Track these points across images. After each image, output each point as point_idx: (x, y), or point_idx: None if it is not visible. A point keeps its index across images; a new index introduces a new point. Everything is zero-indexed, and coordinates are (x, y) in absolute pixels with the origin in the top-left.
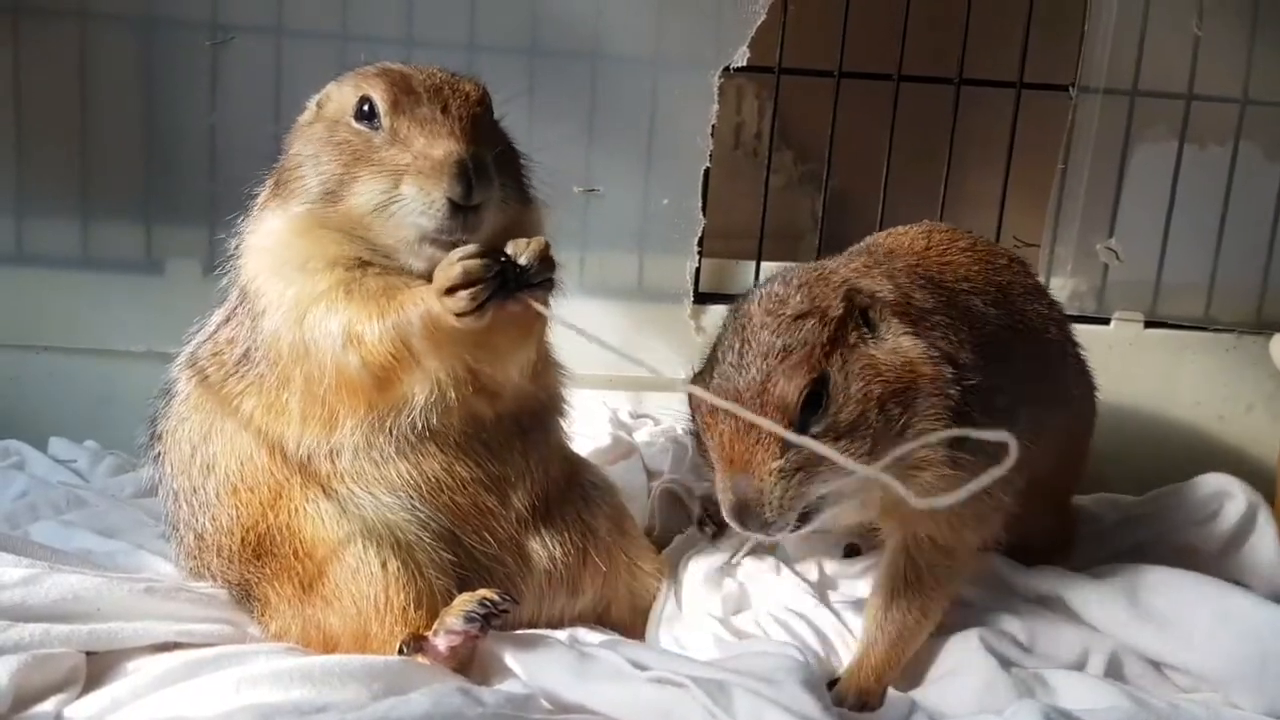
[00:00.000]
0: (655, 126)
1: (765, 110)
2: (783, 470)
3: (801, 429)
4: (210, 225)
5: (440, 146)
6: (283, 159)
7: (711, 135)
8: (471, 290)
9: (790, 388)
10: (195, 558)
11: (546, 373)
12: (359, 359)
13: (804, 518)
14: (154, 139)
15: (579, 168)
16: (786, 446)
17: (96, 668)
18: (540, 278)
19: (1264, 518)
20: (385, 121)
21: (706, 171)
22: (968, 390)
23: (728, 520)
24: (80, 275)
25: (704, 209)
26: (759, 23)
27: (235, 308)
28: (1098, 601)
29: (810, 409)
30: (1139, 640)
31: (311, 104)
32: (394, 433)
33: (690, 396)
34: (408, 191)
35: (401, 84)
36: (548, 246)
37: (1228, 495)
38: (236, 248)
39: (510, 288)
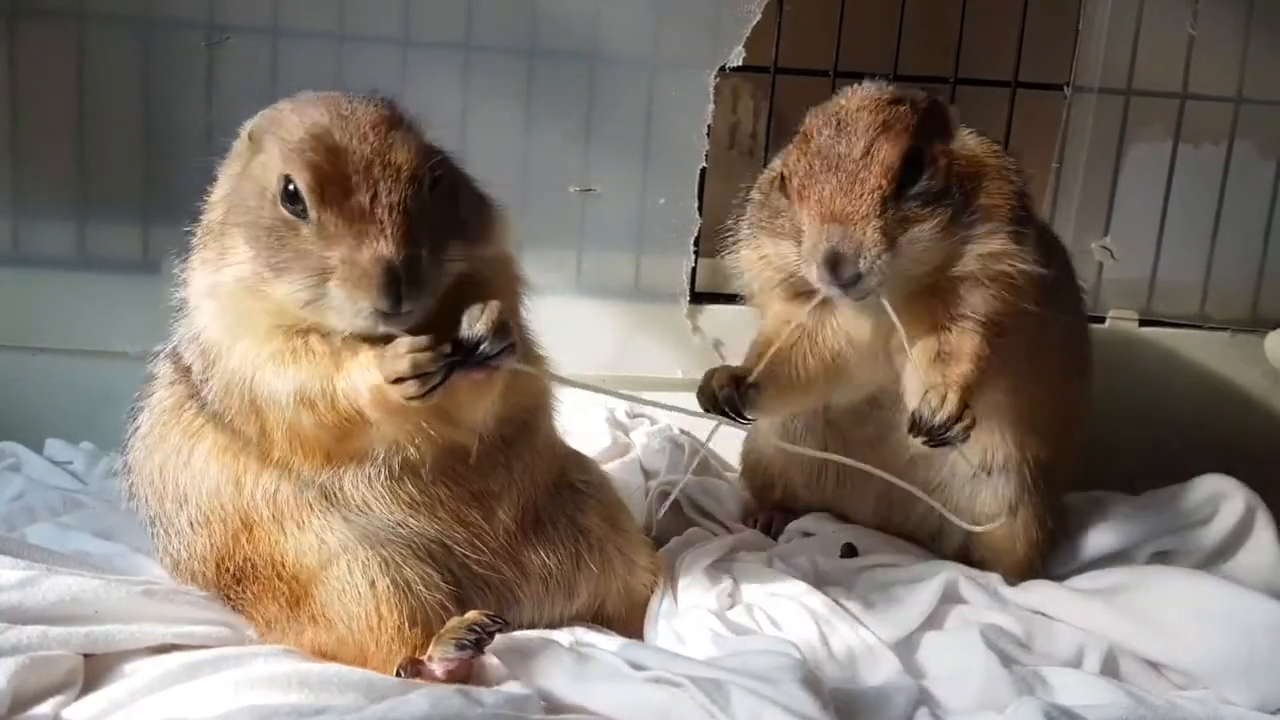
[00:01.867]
0: (651, 126)
1: (761, 110)
2: (884, 230)
3: (900, 190)
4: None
5: (367, 250)
6: (224, 182)
7: (707, 135)
8: (419, 379)
9: (895, 152)
10: (176, 578)
11: (527, 378)
12: (313, 420)
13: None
14: (151, 139)
15: (575, 168)
16: (885, 207)
17: (94, 670)
18: (496, 349)
19: (1263, 519)
20: (312, 214)
21: (703, 171)
22: (1026, 183)
23: (817, 273)
24: (77, 276)
25: (700, 209)
26: (754, 22)
27: (184, 340)
28: (1085, 609)
29: (907, 174)
30: (1130, 641)
31: (244, 133)
32: (375, 475)
33: (788, 161)
34: (335, 294)
35: (329, 169)
36: (503, 313)
37: (1224, 497)
38: (185, 282)
39: (468, 361)
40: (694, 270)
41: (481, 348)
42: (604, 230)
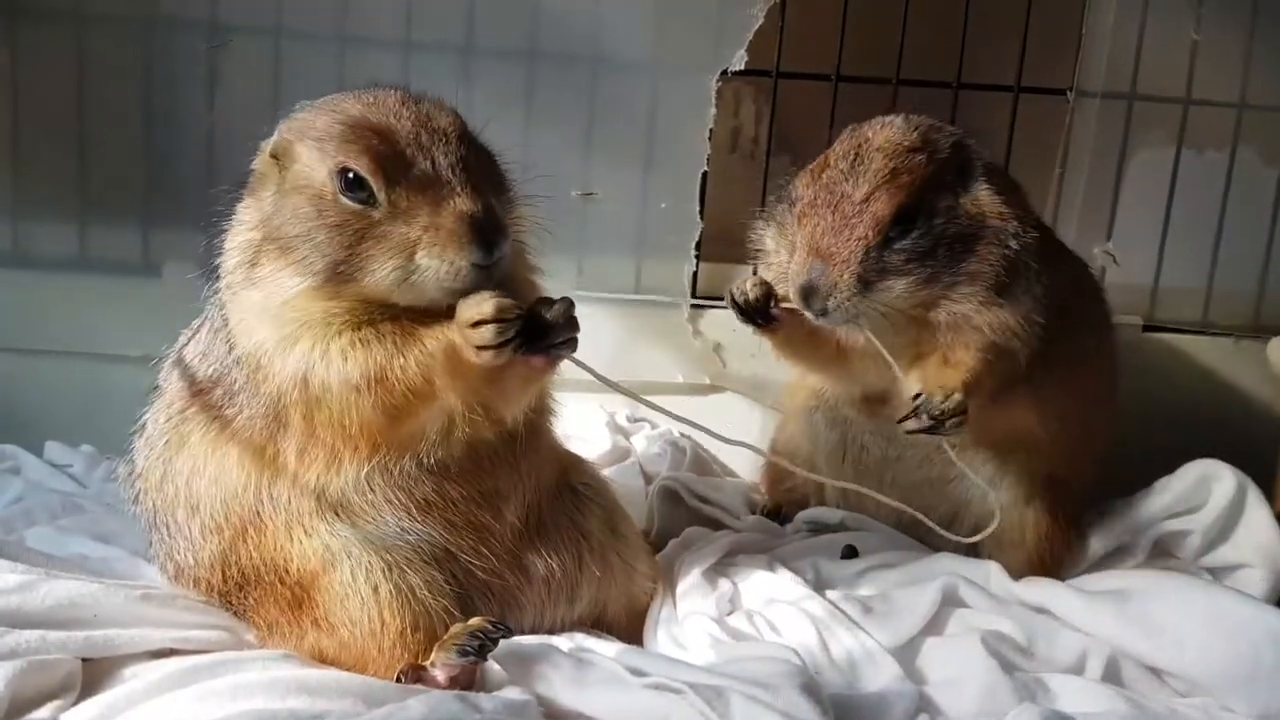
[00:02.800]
0: (653, 130)
1: (763, 114)
2: (860, 277)
3: (884, 244)
4: (208, 229)
5: (448, 212)
6: (256, 206)
7: (709, 139)
8: (500, 325)
9: (890, 206)
10: (177, 585)
11: None
12: (376, 401)
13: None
14: (152, 141)
15: (577, 171)
16: (867, 255)
17: (93, 674)
18: (562, 338)
19: (1254, 496)
20: (381, 196)
21: (704, 175)
22: (1025, 247)
23: (794, 296)
24: (77, 278)
25: (702, 213)
26: (757, 26)
27: (212, 347)
28: (1089, 612)
29: (896, 229)
30: (1134, 648)
31: (263, 154)
32: (395, 472)
33: (797, 187)
34: (427, 263)
35: (385, 149)
36: (573, 306)
37: (1215, 479)
38: (220, 305)
39: (534, 342)
40: (695, 274)
41: (550, 334)
42: (605, 234)
